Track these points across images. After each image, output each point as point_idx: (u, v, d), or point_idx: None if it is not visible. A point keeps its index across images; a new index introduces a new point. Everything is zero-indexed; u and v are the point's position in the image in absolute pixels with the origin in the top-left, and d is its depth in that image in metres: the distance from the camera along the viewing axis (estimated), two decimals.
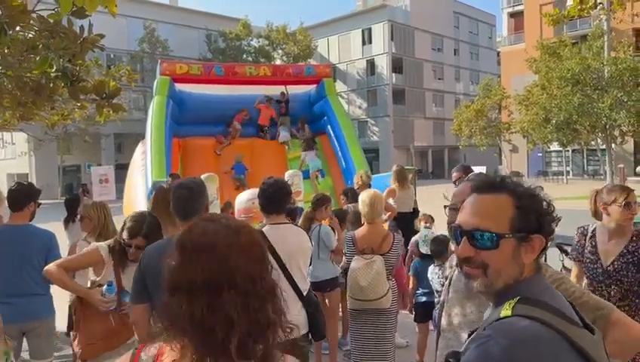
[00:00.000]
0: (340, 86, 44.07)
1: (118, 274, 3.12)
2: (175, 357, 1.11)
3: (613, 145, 27.25)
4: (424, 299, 5.11)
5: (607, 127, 25.42)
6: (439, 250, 4.83)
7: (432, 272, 4.84)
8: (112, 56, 39.95)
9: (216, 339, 1.08)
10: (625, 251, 3.05)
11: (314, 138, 12.12)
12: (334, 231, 5.37)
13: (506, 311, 1.15)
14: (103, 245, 3.18)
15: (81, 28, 3.55)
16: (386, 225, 6.04)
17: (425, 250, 5.36)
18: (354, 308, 4.09)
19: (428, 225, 6.37)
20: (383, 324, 4.02)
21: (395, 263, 4.15)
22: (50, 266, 3.15)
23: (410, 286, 5.30)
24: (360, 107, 52.05)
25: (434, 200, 8.58)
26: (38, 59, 3.64)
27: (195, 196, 2.65)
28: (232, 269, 1.13)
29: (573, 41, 29.70)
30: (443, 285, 4.66)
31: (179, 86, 12.26)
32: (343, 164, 11.63)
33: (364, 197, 4.17)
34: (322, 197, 5.48)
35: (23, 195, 3.75)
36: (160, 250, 2.38)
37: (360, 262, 3.95)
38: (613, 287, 3.03)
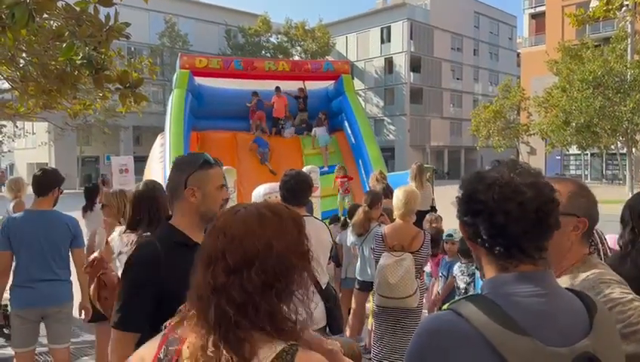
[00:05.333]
0: (357, 84, 43.89)
1: None
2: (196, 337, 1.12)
3: (633, 150, 26.80)
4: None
5: (629, 131, 25.01)
6: (467, 248, 4.77)
7: (458, 270, 4.81)
8: (132, 49, 40.27)
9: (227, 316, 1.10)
10: None
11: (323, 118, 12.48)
12: None
13: (446, 305, 1.18)
14: None
15: (107, 16, 3.57)
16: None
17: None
18: (380, 305, 4.03)
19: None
20: (407, 324, 3.96)
21: (424, 262, 4.11)
22: None
23: (445, 287, 5.20)
24: (377, 105, 51.87)
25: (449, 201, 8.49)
26: (64, 46, 3.66)
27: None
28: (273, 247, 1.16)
29: (596, 43, 29.18)
30: (468, 283, 4.65)
31: (198, 80, 12.31)
32: (360, 161, 11.60)
33: (399, 193, 4.10)
34: (376, 195, 5.39)
35: (49, 181, 3.78)
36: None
37: (390, 259, 3.90)
38: None
